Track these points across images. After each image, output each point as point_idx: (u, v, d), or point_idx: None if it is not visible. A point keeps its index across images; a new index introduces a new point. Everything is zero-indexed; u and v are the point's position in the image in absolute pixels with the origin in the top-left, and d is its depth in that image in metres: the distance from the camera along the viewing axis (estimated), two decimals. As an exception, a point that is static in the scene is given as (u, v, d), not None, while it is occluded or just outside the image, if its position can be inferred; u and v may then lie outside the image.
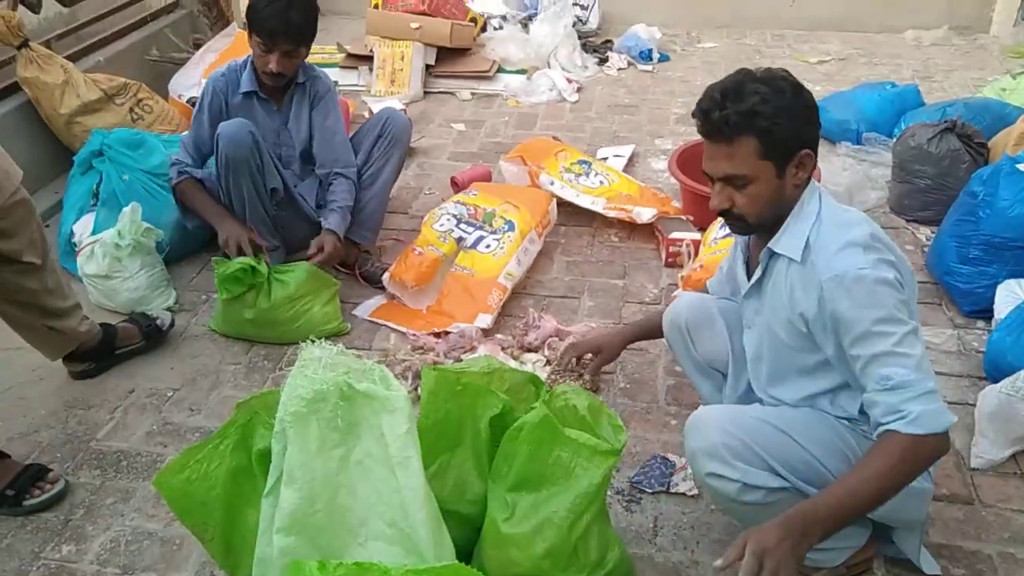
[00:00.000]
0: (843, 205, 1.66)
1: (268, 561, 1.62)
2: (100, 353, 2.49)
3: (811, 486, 1.60)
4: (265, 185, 2.68)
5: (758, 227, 1.65)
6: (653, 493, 2.05)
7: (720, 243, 2.57)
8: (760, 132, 1.52)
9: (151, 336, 2.60)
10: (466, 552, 1.78)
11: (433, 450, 1.74)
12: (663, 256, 2.97)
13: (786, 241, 1.62)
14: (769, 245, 1.65)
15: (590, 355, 2.26)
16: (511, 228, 2.88)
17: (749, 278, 1.74)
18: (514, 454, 1.66)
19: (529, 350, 2.47)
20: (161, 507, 2.05)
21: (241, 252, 2.54)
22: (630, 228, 3.15)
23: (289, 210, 2.79)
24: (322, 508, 1.60)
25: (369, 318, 2.74)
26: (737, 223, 1.65)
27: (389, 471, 1.59)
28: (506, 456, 1.69)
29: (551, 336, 2.48)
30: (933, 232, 3.02)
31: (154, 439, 2.27)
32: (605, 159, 3.67)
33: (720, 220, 2.71)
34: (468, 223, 2.91)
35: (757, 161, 1.55)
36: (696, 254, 2.82)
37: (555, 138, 3.64)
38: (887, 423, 1.48)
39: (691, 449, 1.64)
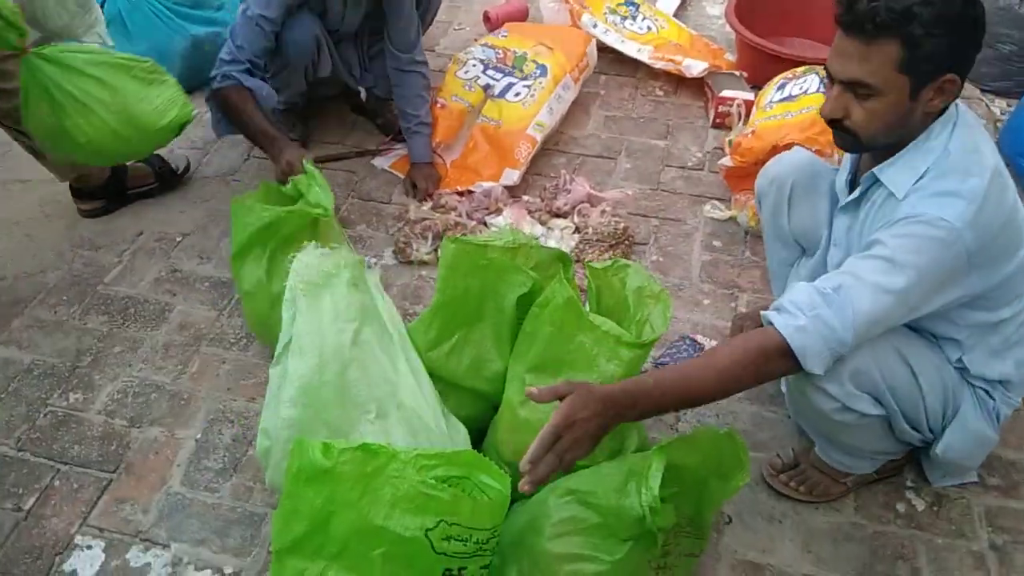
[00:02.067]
0: (985, 141, 1.37)
1: (274, 432, 1.55)
2: (110, 192, 2.37)
3: (904, 417, 1.48)
4: (316, 73, 2.45)
5: (867, 148, 1.40)
6: (679, 376, 1.95)
7: (776, 107, 2.33)
8: (908, 40, 1.23)
9: (164, 178, 2.47)
10: (479, 429, 1.71)
11: (449, 325, 1.64)
12: (711, 116, 2.73)
13: (895, 172, 1.37)
14: (874, 170, 1.40)
15: None
16: (543, 73, 2.63)
17: (851, 192, 1.51)
18: (535, 333, 1.55)
19: (557, 215, 2.31)
20: (169, 359, 2.00)
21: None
22: (677, 81, 2.89)
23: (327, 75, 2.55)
24: (331, 381, 1.53)
25: (389, 169, 2.57)
26: (845, 137, 1.38)
27: (399, 353, 1.54)
28: (527, 334, 1.58)
29: (582, 202, 2.31)
30: (1010, 106, 2.74)
31: (162, 286, 2.19)
32: (655, 0, 3.34)
33: (778, 81, 2.47)
34: (496, 69, 2.67)
35: (892, 72, 1.26)
36: (747, 116, 2.58)
37: (601, -27, 3.28)
38: (773, 313, 1.31)
39: None
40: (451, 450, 1.39)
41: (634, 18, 2.97)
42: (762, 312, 1.35)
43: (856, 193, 1.46)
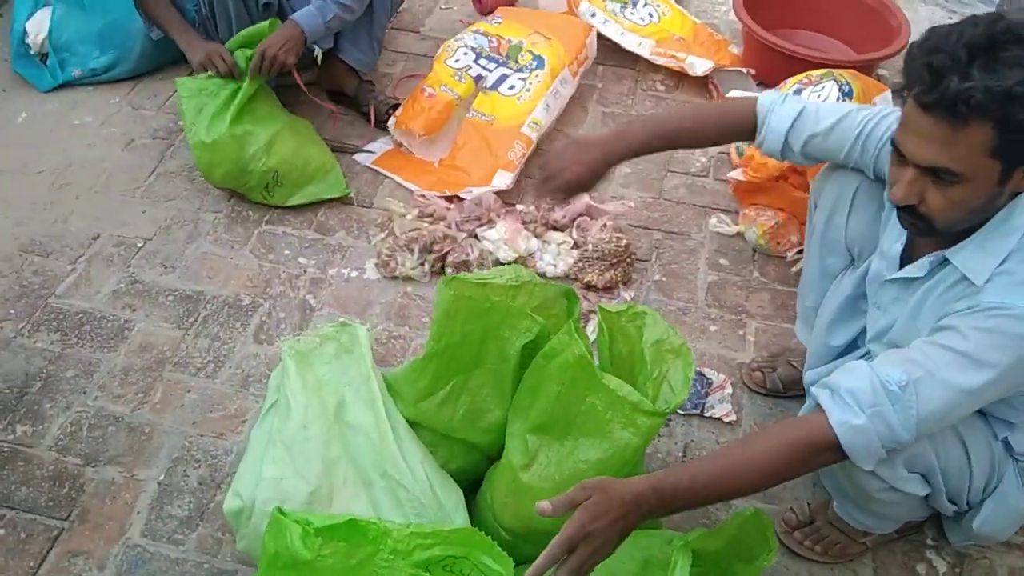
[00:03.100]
0: None
1: (249, 493, 1.40)
2: None
3: (948, 496, 1.37)
4: (257, 1, 2.22)
5: (941, 234, 1.22)
6: (685, 415, 1.82)
7: (791, 116, 2.17)
8: (1006, 123, 1.05)
9: None
10: (472, 480, 1.57)
11: (444, 374, 1.48)
12: (715, 116, 2.56)
13: (970, 256, 1.20)
14: (946, 253, 1.24)
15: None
16: (540, 65, 2.44)
17: (903, 262, 1.34)
18: (539, 387, 1.40)
19: (555, 228, 2.14)
20: (129, 386, 1.82)
21: (225, 69, 2.12)
22: (679, 76, 2.71)
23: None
24: (315, 444, 1.43)
25: (372, 166, 2.37)
26: (917, 223, 1.20)
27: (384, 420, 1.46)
28: (530, 387, 1.43)
29: (581, 215, 2.14)
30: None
31: (121, 300, 1.99)
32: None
33: (792, 85, 2.31)
34: (489, 58, 2.47)
35: (983, 158, 1.09)
36: (755, 119, 2.42)
37: (600, -48, 3.07)
38: (827, 397, 1.16)
39: None
40: (449, 527, 1.25)
41: (635, 5, 2.77)
42: (812, 389, 1.21)
43: (918, 272, 1.29)
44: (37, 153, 2.35)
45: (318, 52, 2.33)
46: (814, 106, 1.45)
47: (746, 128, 1.50)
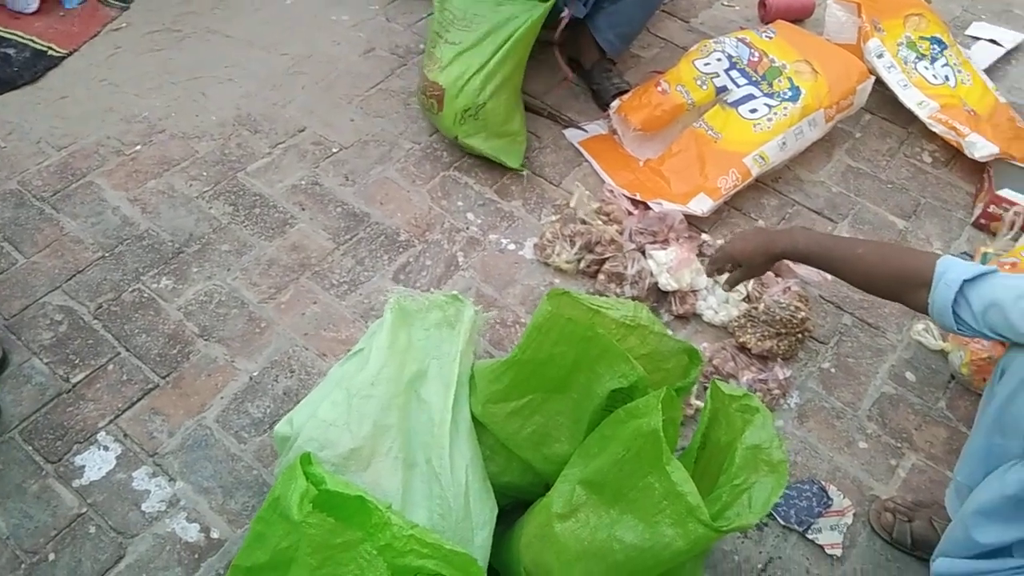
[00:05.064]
0: None
1: (299, 424, 1.39)
2: None
3: None
4: None
5: None
6: (785, 527, 1.59)
7: (1061, 243, 1.79)
8: None
9: None
10: (521, 501, 1.47)
11: (522, 385, 1.37)
12: (975, 211, 2.18)
13: None
14: None
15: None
16: (794, 97, 2.19)
17: None
18: (608, 442, 1.26)
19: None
20: (267, 278, 1.88)
21: None
22: (953, 152, 2.33)
23: None
24: (376, 402, 1.37)
25: (578, 146, 2.26)
26: None
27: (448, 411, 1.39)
28: (601, 438, 1.29)
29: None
30: None
31: (296, 196, 2.06)
32: (974, 41, 2.71)
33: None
34: (742, 72, 2.25)
35: None
36: (1020, 230, 2.03)
37: (920, -10, 2.69)
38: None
39: None
40: (451, 546, 1.17)
41: (933, 61, 2.40)
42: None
43: None
44: (289, 37, 2.48)
45: (566, 13, 2.22)
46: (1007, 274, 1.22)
47: (917, 276, 1.28)
